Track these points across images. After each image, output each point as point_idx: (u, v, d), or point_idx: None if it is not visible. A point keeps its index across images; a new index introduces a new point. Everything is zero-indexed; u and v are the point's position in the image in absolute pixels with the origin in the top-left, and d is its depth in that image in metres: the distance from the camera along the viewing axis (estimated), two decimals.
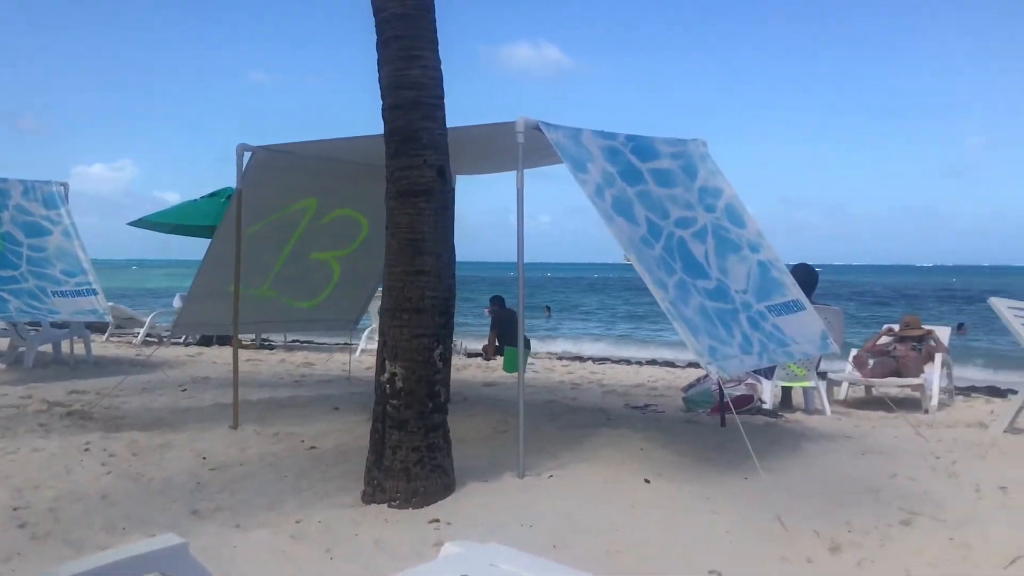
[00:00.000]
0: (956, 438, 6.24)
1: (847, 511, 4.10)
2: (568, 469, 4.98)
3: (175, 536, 2.03)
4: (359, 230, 7.49)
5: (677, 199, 5.61)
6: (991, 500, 4.41)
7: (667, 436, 5.97)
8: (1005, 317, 6.82)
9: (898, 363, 8.76)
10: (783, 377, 7.77)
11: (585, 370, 11.57)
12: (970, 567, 3.41)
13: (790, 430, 6.49)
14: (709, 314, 4.98)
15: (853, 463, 5.27)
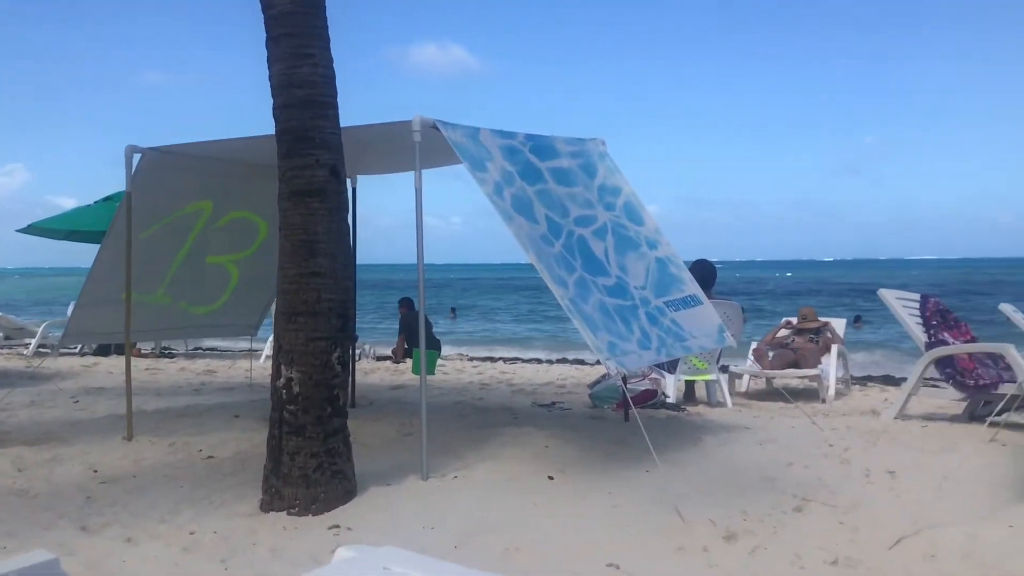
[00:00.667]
0: (850, 426, 6.46)
1: (743, 500, 4.19)
2: (473, 469, 4.96)
3: (45, 552, 1.93)
4: (257, 232, 7.33)
5: (577, 198, 5.65)
6: (879, 484, 4.56)
7: (572, 433, 6.01)
8: (893, 307, 7.09)
9: (796, 355, 9.02)
10: (686, 371, 7.91)
11: (495, 370, 11.58)
12: (857, 549, 3.51)
13: (692, 423, 6.61)
14: (609, 311, 5.03)
15: (751, 453, 5.39)
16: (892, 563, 3.37)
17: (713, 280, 8.26)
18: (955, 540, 3.57)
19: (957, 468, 4.89)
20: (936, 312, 7.24)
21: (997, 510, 4.01)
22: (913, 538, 3.59)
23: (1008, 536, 3.64)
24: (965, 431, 6.15)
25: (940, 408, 7.54)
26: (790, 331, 9.44)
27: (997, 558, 3.36)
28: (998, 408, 5.53)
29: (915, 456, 5.25)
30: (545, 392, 8.74)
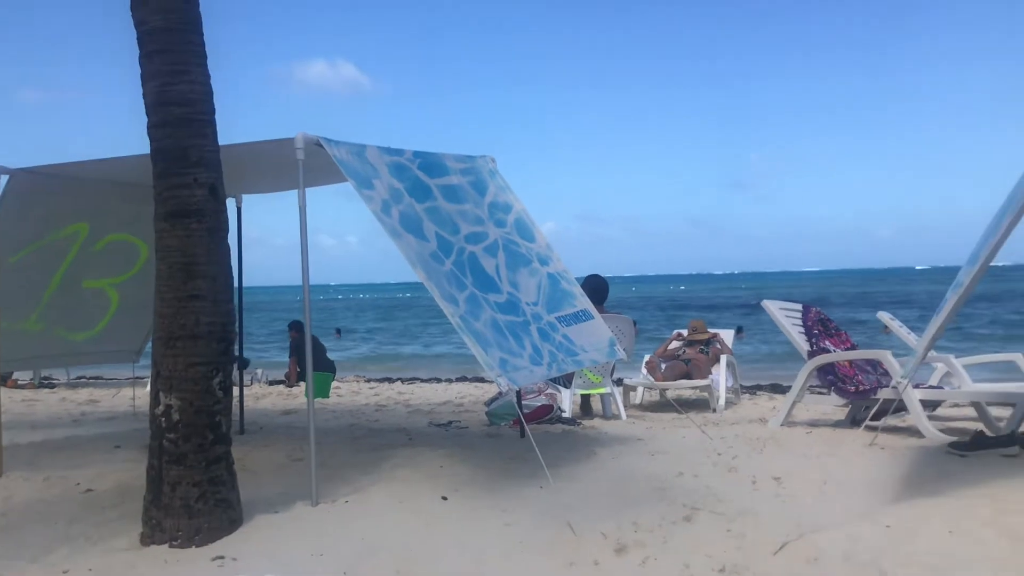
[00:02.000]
0: (738, 434, 6.61)
1: (634, 511, 4.22)
2: (364, 493, 4.86)
3: None
4: (137, 255, 7.07)
5: (467, 215, 5.64)
6: (766, 490, 4.67)
7: (467, 451, 5.97)
8: (776, 318, 7.31)
9: (688, 366, 9.22)
10: (580, 385, 7.98)
11: (392, 391, 11.47)
12: (744, 556, 3.57)
13: (586, 436, 6.66)
14: (500, 327, 5.02)
15: (643, 464, 5.45)
16: (777, 568, 3.44)
17: (605, 295, 8.38)
18: (836, 542, 3.67)
19: (839, 472, 5.05)
20: (817, 321, 7.50)
21: (876, 511, 4.14)
22: (797, 542, 3.68)
23: (885, 536, 3.76)
24: (847, 436, 6.36)
25: (824, 414, 7.82)
26: (681, 343, 9.65)
27: (875, 557, 3.47)
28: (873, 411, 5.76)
29: (800, 461, 5.40)
30: (443, 412, 8.68)
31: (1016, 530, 3.75)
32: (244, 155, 5.47)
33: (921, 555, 3.49)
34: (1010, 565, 3.37)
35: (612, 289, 8.81)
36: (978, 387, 7.19)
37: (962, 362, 7.51)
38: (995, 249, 4.13)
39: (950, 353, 7.71)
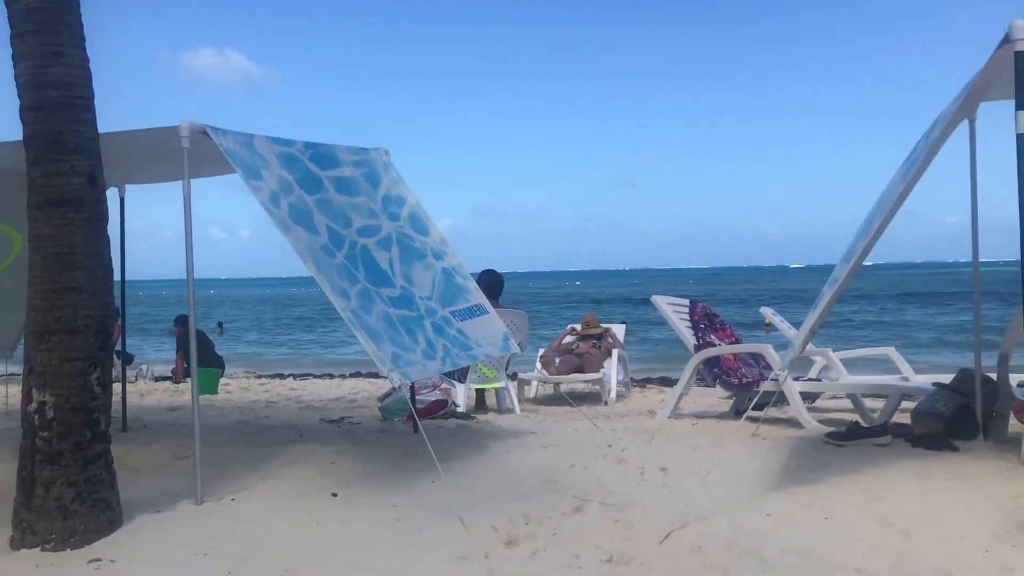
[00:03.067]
0: (628, 426, 6.74)
1: (525, 504, 4.26)
2: (252, 490, 4.76)
3: None
4: (11, 246, 6.71)
5: (360, 207, 5.58)
6: (653, 481, 4.77)
7: (359, 447, 5.91)
8: (665, 312, 7.48)
9: (581, 360, 9.33)
10: (475, 380, 7.99)
11: (284, 387, 11.23)
12: (631, 546, 3.64)
13: (480, 430, 6.67)
14: (393, 322, 4.99)
15: (535, 457, 5.50)
16: (663, 557, 3.52)
17: (500, 289, 8.41)
18: (720, 531, 3.79)
19: (723, 462, 5.20)
20: (703, 316, 7.71)
21: (757, 500, 4.29)
22: (681, 531, 3.78)
23: (766, 524, 3.90)
24: (731, 427, 6.57)
25: (710, 406, 8.03)
26: (575, 337, 9.76)
27: (755, 545, 3.59)
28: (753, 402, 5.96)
29: (686, 452, 5.54)
30: (335, 408, 8.56)
31: (886, 516, 3.94)
32: (127, 143, 5.27)
33: (799, 541, 3.63)
34: (880, 549, 3.53)
35: (509, 284, 8.85)
36: (854, 380, 7.52)
37: (839, 356, 7.84)
38: (867, 248, 4.33)
39: (828, 347, 8.03)
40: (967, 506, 4.07)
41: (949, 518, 3.88)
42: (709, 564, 3.43)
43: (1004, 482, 4.46)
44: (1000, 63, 4.01)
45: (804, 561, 3.42)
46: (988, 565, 3.30)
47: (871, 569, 3.30)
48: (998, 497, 4.19)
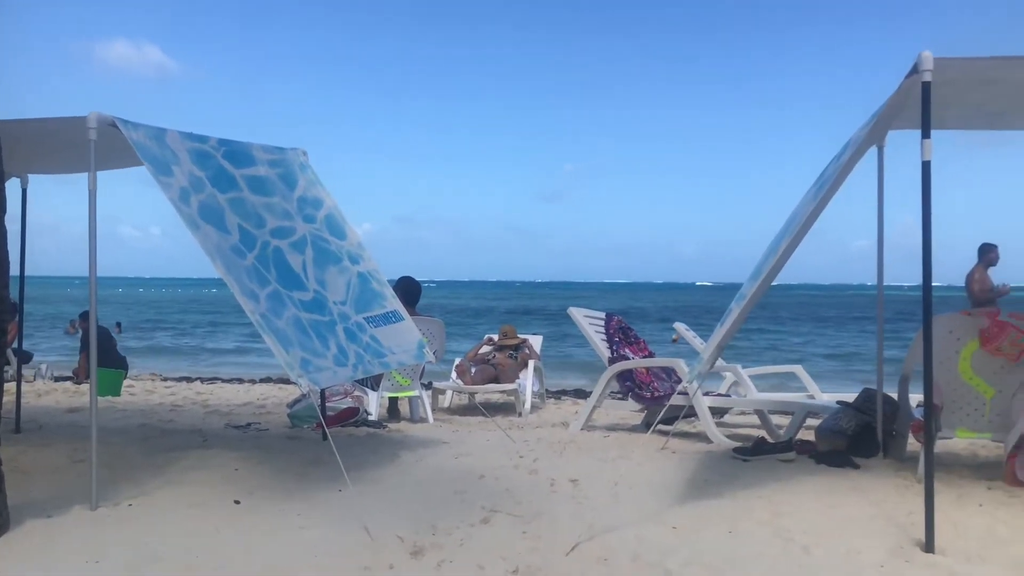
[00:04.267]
0: (541, 437, 6.74)
1: (433, 514, 4.20)
2: (151, 496, 4.60)
3: None
4: None
5: (274, 208, 5.45)
6: (562, 492, 4.77)
7: (265, 454, 5.77)
8: (581, 325, 7.51)
9: (497, 370, 9.32)
10: (389, 388, 7.89)
11: (191, 391, 10.93)
12: (538, 557, 3.62)
13: (391, 439, 6.59)
14: (304, 326, 4.88)
15: (446, 467, 5.44)
16: (569, 568, 3.51)
17: (417, 297, 8.34)
18: (626, 543, 3.80)
19: (632, 474, 5.23)
20: (618, 329, 7.77)
21: (663, 513, 4.32)
22: (589, 543, 3.78)
23: (672, 537, 3.92)
24: (642, 440, 6.62)
25: (623, 419, 8.10)
26: (492, 347, 9.75)
27: (661, 557, 3.61)
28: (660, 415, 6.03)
29: (596, 464, 5.56)
30: (243, 413, 8.35)
31: (789, 531, 4.01)
32: (32, 133, 5.07)
33: (703, 555, 3.66)
34: (782, 563, 3.59)
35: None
36: (761, 396, 7.67)
37: (748, 372, 8.00)
38: (776, 267, 4.42)
39: (738, 364, 8.18)
40: (865, 522, 4.17)
41: (848, 533, 3.96)
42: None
43: (900, 499, 4.59)
44: (908, 92, 4.13)
45: (707, 574, 3.45)
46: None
47: None
48: (894, 514, 4.31)
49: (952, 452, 6.29)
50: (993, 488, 4.93)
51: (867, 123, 4.28)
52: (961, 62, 3.94)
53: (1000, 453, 5.24)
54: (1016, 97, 4.60)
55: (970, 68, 4.06)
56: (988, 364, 5.22)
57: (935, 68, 3.84)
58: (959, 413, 5.32)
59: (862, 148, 4.77)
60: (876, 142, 5.56)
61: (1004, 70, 4.14)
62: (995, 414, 5.25)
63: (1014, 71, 4.16)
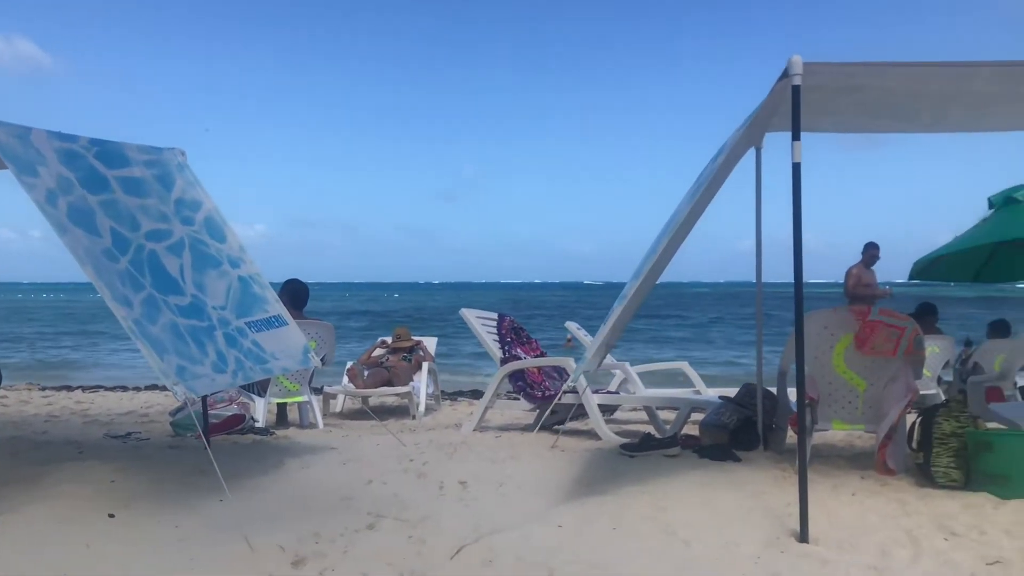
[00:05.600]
0: (432, 440, 6.70)
1: (317, 522, 4.12)
2: (19, 512, 4.36)
3: None
4: None
5: (150, 210, 5.26)
6: (451, 495, 4.75)
7: (144, 465, 5.56)
8: (472, 325, 7.50)
9: (390, 373, 9.24)
10: (276, 394, 7.73)
11: (70, 400, 10.48)
12: (422, 561, 3.59)
13: (278, 446, 6.44)
14: (181, 332, 4.72)
15: (333, 473, 5.35)
16: (453, 572, 3.49)
17: (304, 300, 8.20)
18: (511, 543, 3.80)
19: (521, 474, 5.24)
20: (511, 330, 7.79)
21: (550, 511, 4.34)
22: (474, 545, 3.76)
23: (556, 536, 3.94)
24: (533, 439, 6.66)
25: (516, 419, 8.14)
26: (385, 350, 9.66)
27: (545, 557, 3.62)
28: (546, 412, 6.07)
29: (486, 465, 5.55)
30: (124, 422, 8.05)
31: (671, 525, 4.08)
32: None
33: (587, 552, 3.69)
34: (663, 558, 3.65)
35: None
36: (648, 393, 7.82)
37: (637, 369, 8.14)
38: (656, 266, 4.50)
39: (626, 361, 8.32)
40: (744, 514, 4.29)
41: (727, 526, 4.06)
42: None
43: (779, 491, 4.74)
44: (780, 95, 4.27)
45: (590, 572, 3.47)
46: (759, 570, 3.47)
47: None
48: (773, 505, 4.44)
49: (830, 443, 6.54)
50: (866, 477, 5.14)
51: (741, 126, 4.40)
52: (829, 67, 4.09)
53: (873, 443, 5.46)
54: (882, 101, 4.82)
55: (838, 72, 4.23)
56: (860, 358, 5.45)
57: (804, 72, 3.97)
58: (834, 406, 5.54)
59: (739, 150, 4.91)
60: (754, 144, 5.73)
61: (869, 76, 4.32)
62: (867, 406, 5.48)
63: (878, 77, 4.35)
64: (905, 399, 5.26)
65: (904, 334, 5.38)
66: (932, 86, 4.47)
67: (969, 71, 4.27)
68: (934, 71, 4.26)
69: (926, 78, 4.36)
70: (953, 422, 4.97)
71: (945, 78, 4.37)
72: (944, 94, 4.59)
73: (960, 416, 5.01)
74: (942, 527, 4.07)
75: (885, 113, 4.98)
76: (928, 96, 4.61)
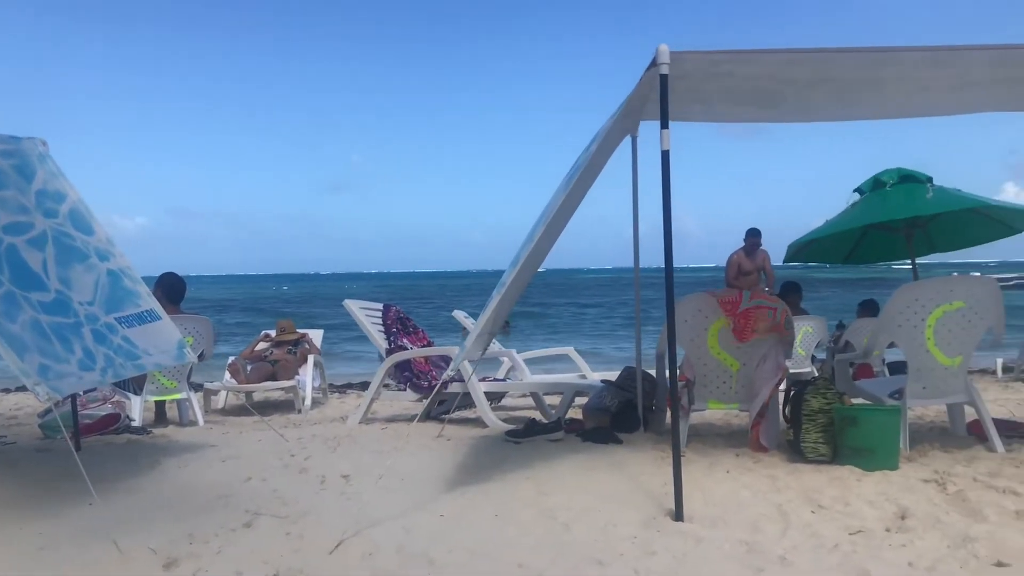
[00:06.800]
0: (317, 434, 6.60)
1: (191, 522, 4.00)
2: None
3: None
4: None
5: (8, 202, 4.99)
6: (332, 489, 4.68)
7: (8, 470, 5.30)
8: (356, 316, 7.42)
9: (274, 367, 9.05)
10: (153, 391, 7.48)
11: None
12: (300, 558, 3.53)
13: (155, 446, 6.23)
14: (44, 329, 4.50)
15: (211, 472, 5.21)
16: (332, 566, 3.44)
17: (182, 294, 7.95)
18: (392, 535, 3.77)
19: (406, 465, 5.21)
20: (396, 320, 7.74)
21: (432, 501, 4.33)
22: (354, 539, 3.72)
23: (439, 525, 3.94)
24: (420, 429, 6.63)
25: (405, 409, 8.11)
26: (269, 344, 9.46)
27: (426, 547, 3.61)
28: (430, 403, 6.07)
29: (371, 457, 5.50)
30: None
31: (552, 509, 4.13)
32: None
33: (468, 540, 3.70)
34: (544, 542, 3.68)
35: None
36: (534, 379, 7.90)
37: (523, 356, 8.21)
38: (534, 254, 4.54)
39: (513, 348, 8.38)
40: (624, 495, 4.37)
41: (606, 508, 4.14)
42: (379, 570, 3.39)
43: (657, 471, 4.85)
44: (650, 84, 4.35)
45: (471, 560, 3.48)
46: (635, 550, 3.55)
47: (533, 563, 3.43)
48: (650, 486, 4.55)
49: (708, 422, 6.75)
50: (741, 455, 5.32)
51: (613, 115, 4.47)
52: (695, 55, 4.19)
53: (748, 422, 5.65)
54: (750, 90, 4.96)
55: (704, 61, 4.33)
56: (733, 339, 5.62)
57: (672, 61, 4.06)
58: (709, 386, 5.70)
59: (613, 138, 4.98)
60: (630, 132, 5.84)
61: (734, 63, 4.45)
62: (741, 385, 5.67)
63: (743, 64, 4.48)
64: (775, 378, 5.47)
65: (775, 314, 5.58)
66: (796, 73, 4.62)
67: (830, 57, 4.44)
68: (797, 58, 4.42)
69: (789, 65, 4.52)
70: (821, 399, 5.18)
71: (808, 65, 4.53)
72: (808, 81, 4.75)
73: (827, 393, 5.23)
74: (810, 500, 4.24)
75: (751, 100, 5.14)
76: (793, 83, 4.77)
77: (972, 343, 5.44)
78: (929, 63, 4.51)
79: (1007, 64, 4.54)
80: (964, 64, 4.54)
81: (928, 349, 5.37)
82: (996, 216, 8.53)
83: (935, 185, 8.11)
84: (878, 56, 4.40)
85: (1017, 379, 10.30)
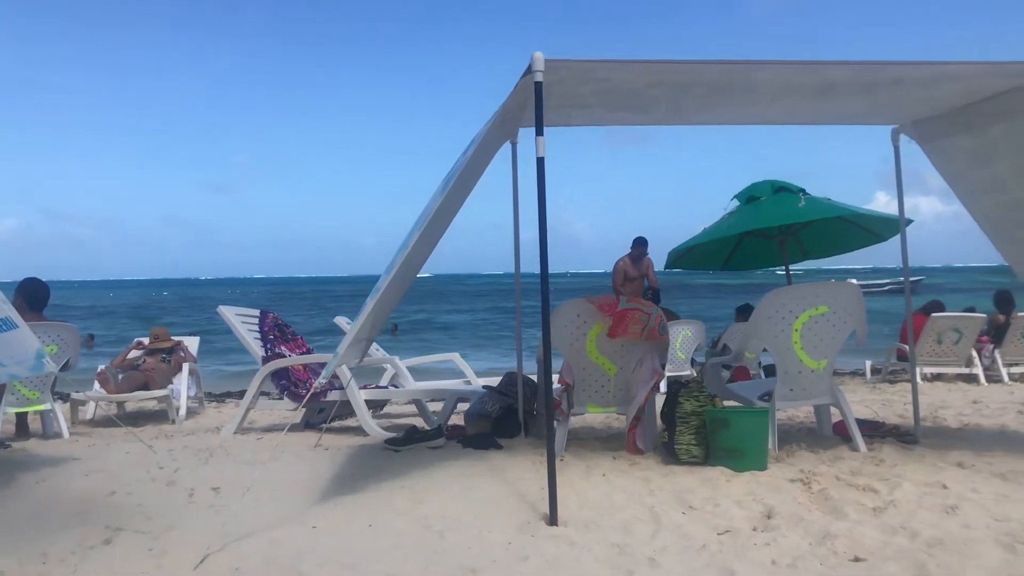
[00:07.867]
0: (188, 445, 6.38)
1: (47, 541, 3.79)
2: None
3: None
4: None
5: None
6: (201, 502, 4.52)
7: None
8: (232, 323, 7.22)
9: (147, 376, 8.72)
10: (13, 403, 7.10)
11: None
12: (162, 575, 3.39)
13: (13, 460, 5.91)
14: None
15: (73, 486, 4.97)
16: None
17: (45, 300, 7.56)
18: (260, 549, 3.66)
19: (280, 476, 5.09)
20: (274, 327, 7.56)
21: (304, 513, 4.23)
22: (219, 553, 3.60)
23: (310, 537, 3.85)
24: (297, 439, 6.49)
25: (284, 418, 7.91)
26: (141, 352, 9.10)
27: (295, 560, 3.51)
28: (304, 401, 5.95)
29: (243, 469, 5.34)
30: None
31: (427, 518, 4.09)
32: None
33: (339, 552, 3.62)
34: (417, 552, 3.63)
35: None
36: (416, 385, 7.84)
37: (407, 363, 8.14)
38: (409, 260, 4.50)
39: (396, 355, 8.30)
40: (499, 501, 4.37)
41: (482, 515, 4.12)
42: None
43: (535, 476, 4.87)
44: (525, 91, 4.37)
45: (341, 572, 3.41)
46: (508, 556, 3.54)
47: (404, 573, 3.38)
48: (527, 491, 4.56)
49: (588, 426, 6.83)
50: (617, 458, 5.40)
51: (489, 121, 4.48)
52: (570, 63, 4.24)
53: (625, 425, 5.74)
54: (624, 96, 5.05)
55: (578, 68, 4.39)
56: (610, 343, 5.70)
57: (546, 68, 4.09)
58: (588, 390, 5.77)
59: (491, 144, 4.99)
60: (510, 138, 5.86)
61: (608, 71, 4.52)
62: (618, 389, 5.76)
63: (617, 71, 4.55)
64: (651, 382, 5.58)
65: (650, 319, 5.68)
66: (666, 78, 4.73)
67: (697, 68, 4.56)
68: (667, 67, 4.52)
69: (660, 72, 4.61)
70: (693, 401, 5.30)
71: (677, 72, 4.64)
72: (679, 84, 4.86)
73: (700, 395, 5.36)
74: (681, 501, 4.33)
75: (626, 105, 5.24)
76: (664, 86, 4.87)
77: (836, 346, 5.67)
78: (792, 71, 4.68)
79: (864, 77, 4.75)
80: (826, 74, 4.73)
81: (795, 352, 5.57)
82: (864, 224, 8.95)
83: (807, 195, 8.47)
84: (742, 67, 4.55)
85: (884, 380, 10.82)
